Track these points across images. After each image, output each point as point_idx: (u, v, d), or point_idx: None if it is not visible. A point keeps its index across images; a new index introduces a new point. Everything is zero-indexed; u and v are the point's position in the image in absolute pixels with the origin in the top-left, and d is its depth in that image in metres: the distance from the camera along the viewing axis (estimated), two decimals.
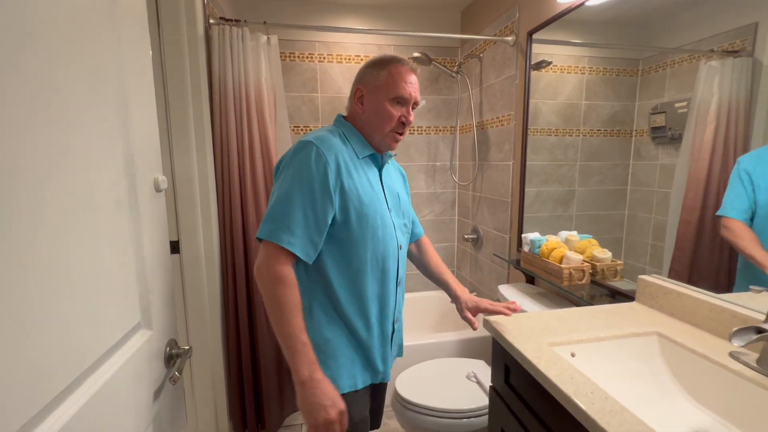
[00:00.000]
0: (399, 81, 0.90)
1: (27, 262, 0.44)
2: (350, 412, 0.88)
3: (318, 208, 0.83)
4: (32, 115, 0.45)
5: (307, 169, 0.83)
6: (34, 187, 0.45)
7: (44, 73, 0.47)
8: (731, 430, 0.72)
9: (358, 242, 0.88)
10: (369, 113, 0.92)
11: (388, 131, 0.92)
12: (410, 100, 0.92)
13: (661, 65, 1.23)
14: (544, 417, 0.79)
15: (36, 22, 0.46)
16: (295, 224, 0.81)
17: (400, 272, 0.98)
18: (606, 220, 1.51)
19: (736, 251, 0.98)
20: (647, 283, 1.08)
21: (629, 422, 0.60)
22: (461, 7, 2.32)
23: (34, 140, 0.45)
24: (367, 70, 0.94)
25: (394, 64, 0.91)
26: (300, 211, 0.81)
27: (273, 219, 0.82)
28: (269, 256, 0.81)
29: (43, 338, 0.46)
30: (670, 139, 1.21)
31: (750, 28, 0.95)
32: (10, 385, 0.40)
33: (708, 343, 0.85)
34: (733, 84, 0.99)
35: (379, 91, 0.90)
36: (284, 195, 0.83)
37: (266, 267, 0.81)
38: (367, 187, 0.90)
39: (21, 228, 0.43)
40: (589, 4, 1.30)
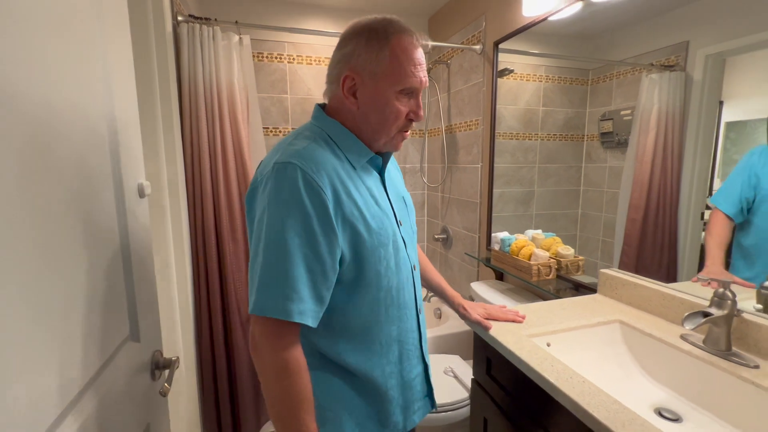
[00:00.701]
0: (407, 65, 0.66)
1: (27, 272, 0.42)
2: None
3: (324, 254, 0.62)
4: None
5: (298, 205, 0.60)
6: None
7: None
8: (684, 403, 0.82)
9: (371, 281, 0.69)
10: (367, 110, 0.68)
11: (395, 132, 0.71)
12: (421, 89, 0.70)
13: (608, 76, 1.36)
14: (527, 403, 0.85)
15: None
16: (299, 283, 0.60)
17: (418, 299, 0.80)
18: (562, 218, 1.63)
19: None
20: (608, 276, 1.19)
21: (605, 402, 0.67)
22: (429, 14, 2.39)
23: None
24: (359, 45, 0.66)
25: (396, 37, 0.66)
26: (302, 266, 0.60)
27: (269, 284, 0.60)
28: (271, 334, 0.61)
29: (40, 359, 0.44)
30: (617, 144, 1.33)
31: (682, 46, 1.07)
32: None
33: (662, 327, 0.95)
34: (670, 95, 1.11)
35: (380, 80, 0.66)
36: (275, 247, 0.60)
37: (270, 351, 0.61)
38: (373, 206, 0.69)
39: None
40: (551, 19, 1.40)
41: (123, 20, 0.72)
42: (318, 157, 0.64)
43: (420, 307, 0.81)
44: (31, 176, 0.43)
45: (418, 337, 0.79)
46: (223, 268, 1.54)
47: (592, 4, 1.26)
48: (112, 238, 0.63)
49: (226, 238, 1.52)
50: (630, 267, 1.22)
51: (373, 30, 0.66)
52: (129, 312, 0.68)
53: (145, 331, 0.74)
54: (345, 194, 0.65)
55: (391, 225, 0.72)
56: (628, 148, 1.26)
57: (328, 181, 0.63)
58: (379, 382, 0.73)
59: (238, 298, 1.57)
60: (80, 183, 0.53)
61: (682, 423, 0.78)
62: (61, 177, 0.48)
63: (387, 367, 0.74)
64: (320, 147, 0.66)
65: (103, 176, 0.61)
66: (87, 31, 0.57)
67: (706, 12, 1.00)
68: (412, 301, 0.77)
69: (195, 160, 1.46)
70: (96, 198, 0.58)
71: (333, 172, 0.65)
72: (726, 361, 0.79)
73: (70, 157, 0.51)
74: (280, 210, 0.61)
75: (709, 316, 0.80)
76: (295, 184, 0.60)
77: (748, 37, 0.92)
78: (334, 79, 0.70)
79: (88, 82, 0.57)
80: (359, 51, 0.66)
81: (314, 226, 0.61)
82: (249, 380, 1.61)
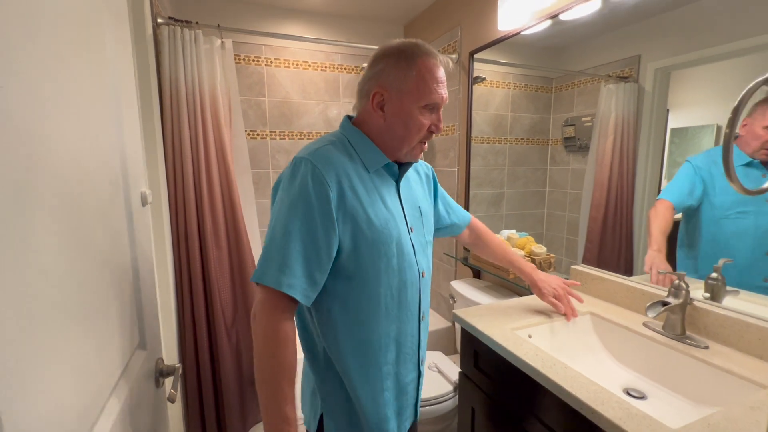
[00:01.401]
0: (431, 83, 0.73)
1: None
2: None
3: (320, 240, 0.69)
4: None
5: (304, 195, 0.68)
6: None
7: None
8: (647, 382, 0.93)
9: (370, 275, 0.74)
10: (392, 122, 0.75)
11: (416, 143, 0.77)
12: (442, 104, 0.76)
13: (570, 85, 1.48)
14: (513, 390, 0.93)
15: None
16: (293, 260, 0.67)
17: (423, 305, 0.83)
18: (530, 217, 1.75)
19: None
20: (578, 272, 1.30)
21: (585, 384, 0.75)
22: (404, 22, 2.46)
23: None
24: (389, 65, 0.73)
25: (422, 59, 0.73)
26: (299, 247, 0.68)
27: (269, 258, 0.68)
28: (267, 304, 0.67)
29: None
30: (578, 148, 1.45)
31: (635, 59, 1.19)
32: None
33: (627, 317, 1.07)
34: (625, 104, 1.23)
35: (406, 96, 0.73)
36: (280, 228, 0.68)
37: (265, 320, 0.67)
38: (380, 207, 0.75)
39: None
40: (524, 33, 1.51)
41: (128, 57, 0.73)
42: (331, 156, 0.72)
43: (423, 313, 0.84)
44: (68, 210, 0.44)
45: (417, 342, 0.83)
46: (207, 274, 1.52)
47: (560, 23, 1.37)
48: (123, 249, 0.63)
49: (210, 244, 1.50)
50: (592, 262, 1.33)
51: (402, 52, 0.74)
52: (138, 320, 0.68)
53: (150, 339, 0.74)
54: (350, 190, 0.72)
55: (396, 227, 0.76)
56: (589, 152, 1.37)
57: (335, 177, 0.70)
58: (376, 382, 0.77)
59: (223, 304, 1.56)
60: (102, 203, 0.54)
61: (647, 400, 0.88)
62: (91, 208, 0.50)
63: (384, 367, 0.78)
64: (336, 149, 0.74)
65: (117, 192, 0.62)
66: (108, 83, 0.59)
67: (654, 30, 1.12)
68: (415, 305, 0.81)
69: (177, 164, 1.44)
70: (113, 211, 0.59)
71: (342, 170, 0.72)
72: (681, 344, 0.91)
73: (95, 188, 0.52)
74: (290, 197, 0.69)
75: (668, 305, 0.91)
76: (305, 177, 0.69)
77: (689, 54, 1.05)
78: (365, 94, 0.77)
79: (106, 128, 0.58)
80: (389, 70, 0.73)
81: (315, 215, 0.68)
82: (234, 386, 1.60)
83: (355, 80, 2.41)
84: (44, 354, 0.38)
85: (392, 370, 0.79)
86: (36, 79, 0.39)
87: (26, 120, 0.37)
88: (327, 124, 2.38)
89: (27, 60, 0.38)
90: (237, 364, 1.62)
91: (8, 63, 0.34)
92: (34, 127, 0.38)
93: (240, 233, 1.57)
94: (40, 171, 0.39)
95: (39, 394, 0.36)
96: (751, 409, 0.67)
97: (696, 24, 1.02)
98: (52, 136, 0.42)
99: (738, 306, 0.92)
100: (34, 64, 0.39)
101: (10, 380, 0.31)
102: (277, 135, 2.27)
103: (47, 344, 0.38)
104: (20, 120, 0.36)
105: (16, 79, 0.36)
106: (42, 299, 0.38)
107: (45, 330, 0.38)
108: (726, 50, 0.97)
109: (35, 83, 0.39)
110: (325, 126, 2.38)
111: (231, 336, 1.60)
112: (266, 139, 2.25)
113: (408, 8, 2.23)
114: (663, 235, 1.11)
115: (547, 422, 0.82)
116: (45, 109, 0.41)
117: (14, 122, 0.35)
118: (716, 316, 0.92)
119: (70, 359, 0.43)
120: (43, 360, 0.37)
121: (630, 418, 0.65)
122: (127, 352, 0.61)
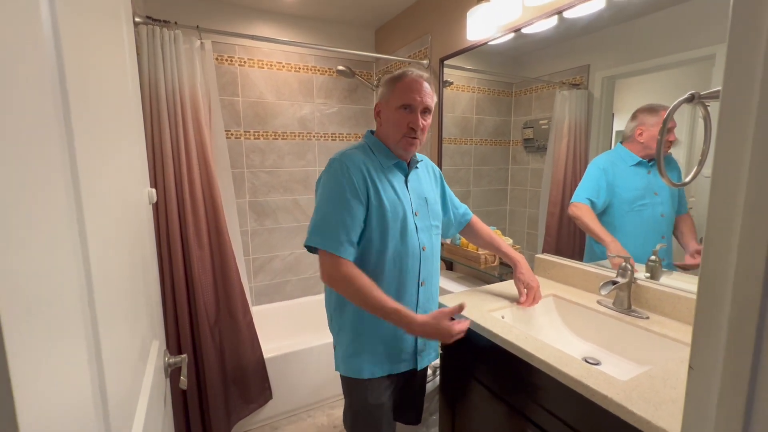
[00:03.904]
0: (406, 90, 0.99)
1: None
2: (366, 397, 1.05)
3: (354, 212, 0.95)
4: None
5: (336, 181, 0.96)
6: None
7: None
8: (601, 351, 1.09)
9: (379, 243, 1.00)
10: (385, 124, 1.03)
11: (400, 137, 1.01)
12: (418, 107, 0.99)
13: (528, 90, 1.63)
14: (492, 363, 1.05)
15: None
16: (340, 230, 0.94)
17: (423, 272, 1.08)
18: (494, 214, 1.89)
19: (584, 233, 1.37)
20: (541, 260, 1.46)
21: (555, 353, 0.88)
22: (375, 26, 2.54)
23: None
24: (385, 88, 1.03)
25: (404, 77, 1.00)
26: (339, 218, 0.94)
27: (320, 229, 0.95)
28: (329, 263, 0.95)
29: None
30: (537, 149, 1.59)
31: (585, 68, 1.34)
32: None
33: (583, 296, 1.23)
34: (578, 109, 1.39)
35: (390, 102, 1.01)
36: (324, 206, 0.96)
37: (335, 272, 0.94)
38: (390, 193, 1.01)
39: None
40: (491, 43, 1.64)
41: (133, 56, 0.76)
42: (354, 155, 1.01)
43: (423, 279, 1.09)
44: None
45: (415, 302, 1.08)
46: (189, 274, 1.52)
47: (523, 36, 1.52)
48: (142, 244, 0.67)
49: (192, 243, 1.51)
50: (551, 252, 1.48)
51: (392, 77, 1.04)
52: (151, 311, 0.72)
53: (159, 331, 0.78)
54: (369, 180, 0.99)
55: (403, 209, 1.03)
56: (547, 153, 1.51)
57: (358, 168, 0.99)
58: (381, 327, 1.04)
59: (206, 303, 1.57)
60: (128, 204, 0.59)
61: (602, 366, 1.03)
62: (127, 208, 0.54)
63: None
64: (359, 151, 1.03)
65: (140, 191, 0.66)
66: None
67: (601, 42, 1.28)
68: (415, 271, 1.06)
69: (158, 164, 1.43)
70: (137, 212, 0.63)
71: (363, 165, 1.00)
72: (628, 316, 1.07)
73: (126, 188, 0.56)
74: (328, 187, 0.98)
75: (617, 284, 1.07)
76: (336, 170, 0.98)
77: (629, 65, 1.22)
78: (374, 111, 1.08)
79: (127, 128, 0.62)
80: (384, 90, 1.05)
81: (347, 195, 0.96)
82: (219, 384, 1.62)
83: (329, 82, 2.47)
84: (109, 339, 0.43)
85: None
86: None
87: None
88: (301, 125, 2.42)
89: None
90: (220, 362, 1.64)
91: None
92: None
93: (222, 233, 1.59)
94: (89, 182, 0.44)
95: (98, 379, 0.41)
96: (681, 362, 0.83)
97: (635, 39, 1.19)
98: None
99: (671, 282, 1.09)
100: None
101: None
102: (252, 135, 2.28)
103: (108, 332, 0.43)
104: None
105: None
106: (103, 294, 0.43)
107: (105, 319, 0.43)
108: (659, 63, 1.14)
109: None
110: (299, 126, 2.41)
111: (214, 335, 1.61)
112: (240, 139, 2.25)
113: (379, 14, 2.32)
114: (602, 226, 1.27)
115: (523, 390, 0.95)
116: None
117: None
118: (655, 292, 1.09)
119: (122, 344, 0.48)
120: (109, 343, 0.42)
121: (589, 375, 0.79)
122: (147, 341, 0.66)
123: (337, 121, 2.54)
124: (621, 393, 0.72)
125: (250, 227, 2.35)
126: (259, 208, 2.37)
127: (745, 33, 0.32)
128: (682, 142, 1.11)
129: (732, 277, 0.34)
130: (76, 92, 0.38)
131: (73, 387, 0.32)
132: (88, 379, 0.35)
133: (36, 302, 0.27)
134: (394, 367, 1.08)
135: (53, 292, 0.29)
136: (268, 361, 1.77)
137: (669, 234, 1.16)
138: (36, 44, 0.30)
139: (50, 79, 0.32)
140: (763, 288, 0.32)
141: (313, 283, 2.60)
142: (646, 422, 0.65)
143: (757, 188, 0.32)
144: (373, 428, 1.08)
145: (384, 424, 1.09)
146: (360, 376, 1.05)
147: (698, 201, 1.13)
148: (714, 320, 0.36)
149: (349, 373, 1.07)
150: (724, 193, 0.34)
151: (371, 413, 1.07)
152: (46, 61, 0.32)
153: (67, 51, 0.36)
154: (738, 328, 0.34)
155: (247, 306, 1.71)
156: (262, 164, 2.34)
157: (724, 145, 0.34)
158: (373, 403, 1.06)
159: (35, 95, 0.30)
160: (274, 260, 2.45)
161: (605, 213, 1.28)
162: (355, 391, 1.08)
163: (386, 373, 1.07)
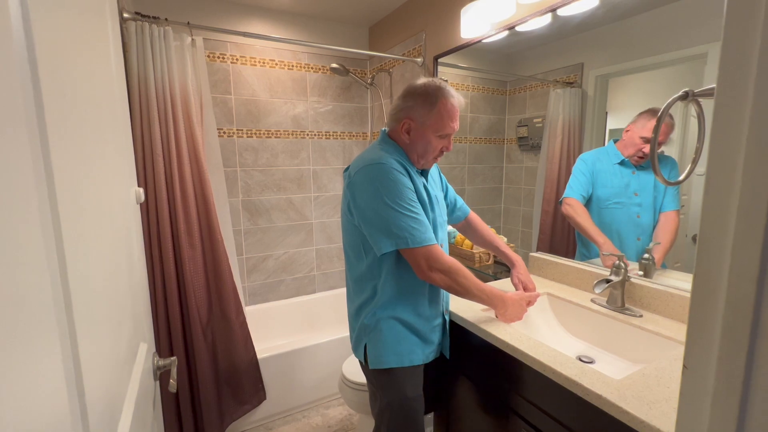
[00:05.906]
0: (447, 120, 0.98)
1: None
2: (404, 390, 1.04)
3: (419, 207, 0.97)
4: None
5: (393, 181, 0.95)
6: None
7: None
8: (595, 349, 1.09)
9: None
10: (415, 144, 1.01)
11: (431, 159, 1.04)
12: (453, 133, 1.02)
13: (523, 88, 1.62)
14: (485, 361, 1.04)
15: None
16: (421, 222, 0.95)
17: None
18: (489, 212, 1.88)
19: (574, 231, 1.37)
20: (536, 258, 1.45)
21: (549, 352, 0.88)
22: (369, 24, 2.53)
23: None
24: (417, 103, 0.99)
25: (442, 100, 0.98)
26: (412, 212, 0.95)
27: (402, 228, 0.94)
28: (425, 258, 0.95)
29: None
30: (531, 147, 1.59)
31: (578, 67, 1.34)
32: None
33: (577, 295, 1.22)
34: (571, 107, 1.39)
35: (428, 128, 0.99)
36: (393, 206, 0.94)
37: (436, 264, 0.95)
38: (423, 193, 1.03)
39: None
40: (485, 41, 1.64)
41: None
42: (393, 162, 0.98)
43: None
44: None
45: (442, 298, 1.10)
46: (181, 274, 1.50)
47: (517, 33, 1.51)
48: (128, 244, 0.66)
49: (183, 243, 1.49)
50: (545, 250, 1.48)
51: (429, 94, 0.98)
52: (139, 314, 0.71)
53: (147, 333, 0.76)
54: (409, 178, 0.99)
55: (425, 207, 1.03)
56: (541, 151, 1.51)
57: (403, 172, 0.98)
58: (414, 315, 1.05)
59: (198, 303, 1.55)
60: (114, 204, 0.57)
61: (596, 364, 1.03)
62: (113, 207, 0.53)
63: (420, 307, 1.06)
64: (391, 156, 0.99)
65: (125, 191, 0.64)
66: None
67: (594, 40, 1.28)
68: None
69: (148, 163, 1.41)
70: (123, 211, 0.61)
71: (402, 168, 0.99)
72: (622, 315, 1.07)
73: (111, 189, 0.55)
74: (386, 188, 0.94)
75: (610, 282, 1.07)
76: (389, 171, 0.95)
77: (622, 64, 1.22)
78: (396, 120, 1.03)
79: (111, 127, 0.60)
80: (417, 107, 0.99)
81: (406, 191, 0.96)
82: (211, 385, 1.60)
83: (323, 79, 2.45)
84: (93, 342, 0.41)
85: (426, 305, 1.06)
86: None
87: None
88: (295, 123, 2.40)
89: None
90: (213, 362, 1.62)
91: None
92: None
93: (214, 232, 1.57)
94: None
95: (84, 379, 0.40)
96: (674, 360, 0.83)
97: (628, 38, 1.19)
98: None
99: (664, 281, 1.10)
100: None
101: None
102: (245, 133, 2.26)
103: (94, 332, 0.42)
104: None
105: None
106: (89, 291, 0.41)
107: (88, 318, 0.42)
108: (652, 62, 1.14)
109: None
110: (292, 124, 2.40)
111: (207, 335, 1.60)
112: (233, 137, 2.23)
113: (373, 11, 2.30)
114: (596, 227, 1.27)
115: (518, 390, 0.94)
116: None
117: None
118: (648, 290, 1.09)
119: (103, 348, 0.46)
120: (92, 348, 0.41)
121: (584, 374, 0.78)
122: (134, 344, 0.64)
123: (331, 119, 2.52)
124: (615, 392, 0.72)
125: (244, 226, 2.33)
126: (253, 207, 2.35)
127: (740, 30, 0.31)
128: (674, 141, 1.11)
129: (726, 276, 0.33)
130: (50, 90, 0.37)
131: (45, 393, 0.31)
132: (63, 384, 0.34)
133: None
134: (428, 356, 1.08)
135: (20, 293, 0.28)
136: (262, 362, 1.76)
137: (647, 236, 1.17)
138: (2, 38, 0.29)
139: (20, 76, 0.31)
140: (758, 287, 0.32)
141: (306, 283, 2.59)
142: (640, 421, 0.65)
143: (751, 186, 0.31)
144: (412, 421, 1.06)
145: (421, 416, 1.09)
146: (401, 365, 1.03)
147: (690, 199, 1.13)
148: (708, 320, 0.35)
149: (391, 363, 1.03)
150: (718, 191, 0.34)
151: (411, 406, 1.05)
152: (14, 56, 0.30)
153: (40, 46, 0.35)
154: (732, 327, 0.33)
155: (240, 306, 1.69)
156: (256, 163, 2.31)
157: (718, 143, 0.34)
158: (411, 396, 1.05)
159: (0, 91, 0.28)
160: (267, 260, 2.43)
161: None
162: (394, 384, 1.05)
163: (422, 362, 1.07)
